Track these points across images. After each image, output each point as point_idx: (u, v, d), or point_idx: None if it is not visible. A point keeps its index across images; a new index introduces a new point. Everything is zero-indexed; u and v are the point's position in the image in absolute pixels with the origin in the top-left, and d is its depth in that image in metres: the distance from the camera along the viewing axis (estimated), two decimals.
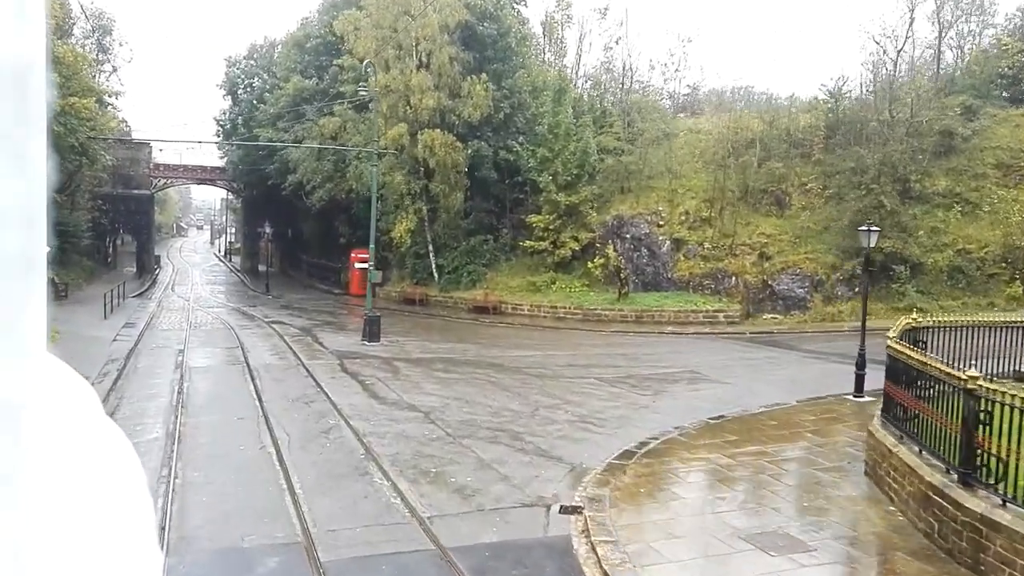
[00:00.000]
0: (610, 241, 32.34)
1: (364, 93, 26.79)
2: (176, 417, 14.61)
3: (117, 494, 0.54)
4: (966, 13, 37.88)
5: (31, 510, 0.45)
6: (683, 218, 31.68)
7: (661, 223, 31.63)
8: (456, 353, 23.45)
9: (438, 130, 32.92)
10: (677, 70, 39.27)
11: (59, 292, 30.77)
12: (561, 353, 23.35)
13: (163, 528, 9.07)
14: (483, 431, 14.09)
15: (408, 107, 33.97)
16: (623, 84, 39.52)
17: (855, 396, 15.81)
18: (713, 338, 25.99)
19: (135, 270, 52.75)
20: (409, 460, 12.32)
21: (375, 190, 25.78)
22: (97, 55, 41.03)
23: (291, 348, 23.60)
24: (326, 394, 17.01)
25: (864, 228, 15.11)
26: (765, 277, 28.76)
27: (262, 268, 58.90)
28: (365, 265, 26.56)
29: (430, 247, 36.72)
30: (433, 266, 36.97)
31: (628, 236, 32.13)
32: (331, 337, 26.52)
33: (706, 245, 30.33)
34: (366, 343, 24.73)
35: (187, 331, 27.25)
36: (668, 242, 31.13)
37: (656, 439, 13.30)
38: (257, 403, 16.17)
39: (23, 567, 0.44)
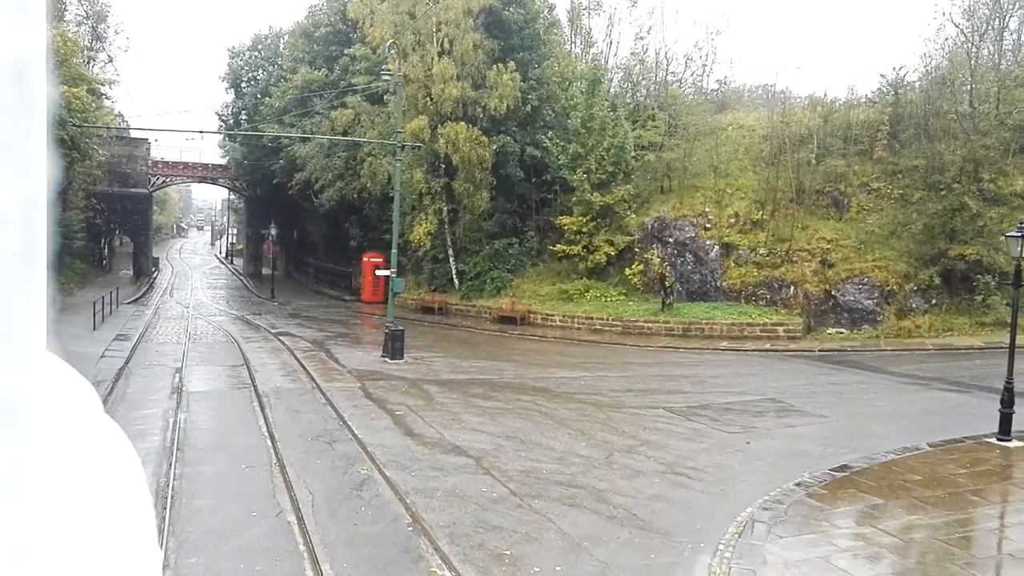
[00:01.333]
0: (652, 246, 29.49)
1: (387, 78, 23.91)
2: (170, 466, 11.73)
3: (117, 493, 0.54)
4: None
5: (31, 509, 0.46)
6: (732, 221, 28.82)
7: (708, 226, 28.76)
8: (492, 373, 20.57)
9: (462, 123, 30.05)
10: (705, 64, 36.39)
11: None
12: (612, 374, 20.47)
13: None
14: (554, 487, 11.20)
15: (428, 99, 31.12)
16: (656, 76, 36.66)
17: (1000, 439, 12.93)
18: (779, 357, 23.10)
19: (132, 273, 49.86)
20: (471, 535, 9.44)
21: (398, 187, 22.97)
22: (91, 43, 38.18)
23: (303, 366, 20.73)
24: (351, 430, 14.14)
25: (1016, 234, 12.20)
26: (827, 287, 25.89)
27: (266, 272, 56.12)
28: (386, 272, 23.64)
29: (450, 251, 33.87)
30: (453, 272, 34.12)
31: (671, 240, 29.26)
32: (347, 352, 23.65)
33: (760, 251, 27.45)
34: (388, 360, 21.86)
35: (186, 344, 24.37)
36: (716, 247, 28.26)
37: (780, 502, 10.44)
38: (269, 443, 13.29)
39: (24, 566, 0.44)
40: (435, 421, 15.05)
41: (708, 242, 28.41)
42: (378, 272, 23.66)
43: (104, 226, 48.05)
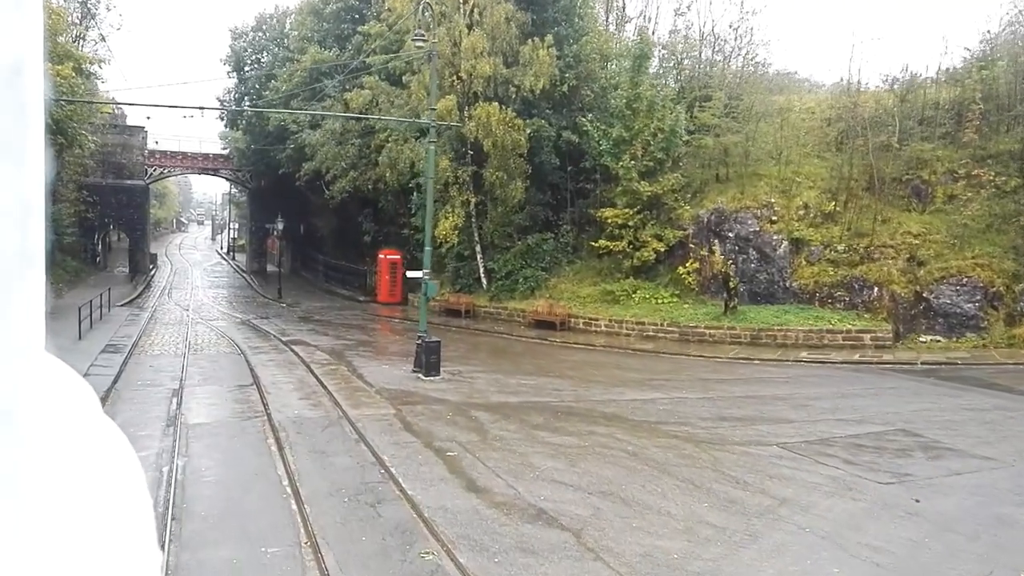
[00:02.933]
0: (713, 241, 26.24)
1: (420, 45, 20.60)
2: (163, 549, 8.48)
3: (116, 493, 0.55)
4: None
5: (30, 509, 0.46)
6: (801, 213, 25.53)
7: (774, 219, 25.47)
8: (547, 394, 17.33)
9: (494, 103, 26.75)
10: (741, 45, 33.04)
11: None
12: (691, 395, 17.25)
13: None
14: None
15: (456, 77, 27.81)
16: (701, 54, 33.31)
17: None
18: (876, 371, 19.87)
19: (127, 271, 46.62)
20: None
21: (431, 172, 19.62)
22: (81, 19, 34.86)
23: (324, 386, 17.52)
24: (397, 482, 10.92)
25: None
26: (918, 288, 22.62)
27: (271, 269, 52.88)
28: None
29: (477, 247, 30.61)
30: (481, 270, 30.88)
31: (730, 235, 25.99)
32: (372, 366, 20.44)
33: (838, 247, 24.17)
34: (421, 376, 18.65)
35: (185, 357, 21.13)
36: (785, 242, 24.98)
37: None
38: (294, 505, 10.09)
39: (23, 566, 0.44)
40: (500, 467, 11.82)
41: (775, 237, 25.13)
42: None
43: (97, 220, 44.86)
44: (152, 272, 51.36)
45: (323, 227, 45.32)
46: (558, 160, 29.98)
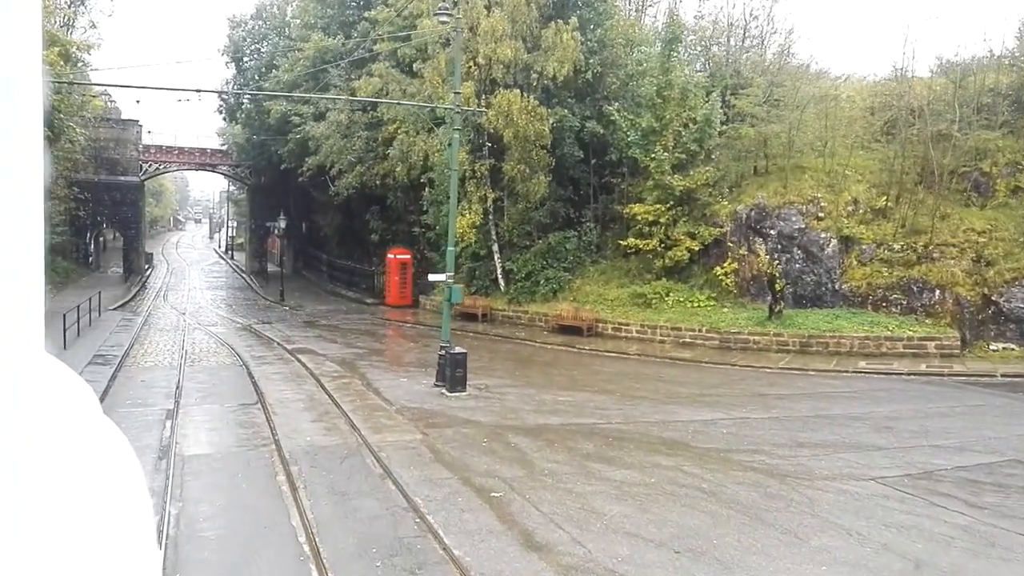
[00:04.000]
0: (753, 240, 24.26)
1: (445, 20, 18.51)
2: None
3: (115, 492, 0.55)
4: None
5: (31, 508, 0.46)
6: (850, 209, 23.53)
7: (821, 215, 23.47)
8: (591, 413, 15.32)
9: (516, 91, 24.70)
10: (770, 31, 31.00)
11: None
12: (754, 414, 15.23)
13: None
14: None
15: (473, 63, 25.76)
16: (728, 39, 31.28)
17: None
18: (950, 384, 17.87)
19: (122, 271, 44.55)
20: None
21: (455, 163, 17.61)
22: (70, 4, 32.74)
23: (337, 404, 15.51)
24: (438, 537, 8.94)
25: None
26: (987, 290, 20.64)
27: (272, 269, 50.82)
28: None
29: (495, 246, 28.58)
30: (498, 270, 28.85)
31: (772, 233, 23.98)
32: (388, 379, 18.43)
33: (893, 246, 22.17)
34: (446, 392, 16.64)
35: (181, 369, 19.09)
36: (834, 241, 22.97)
37: None
38: (313, 569, 8.09)
39: (24, 564, 0.45)
40: (558, 512, 9.82)
41: (823, 235, 23.13)
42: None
43: (89, 219, 42.78)
44: (148, 272, 49.29)
45: (326, 225, 43.27)
46: (582, 152, 27.95)
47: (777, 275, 22.02)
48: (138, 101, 31.14)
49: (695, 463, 12.06)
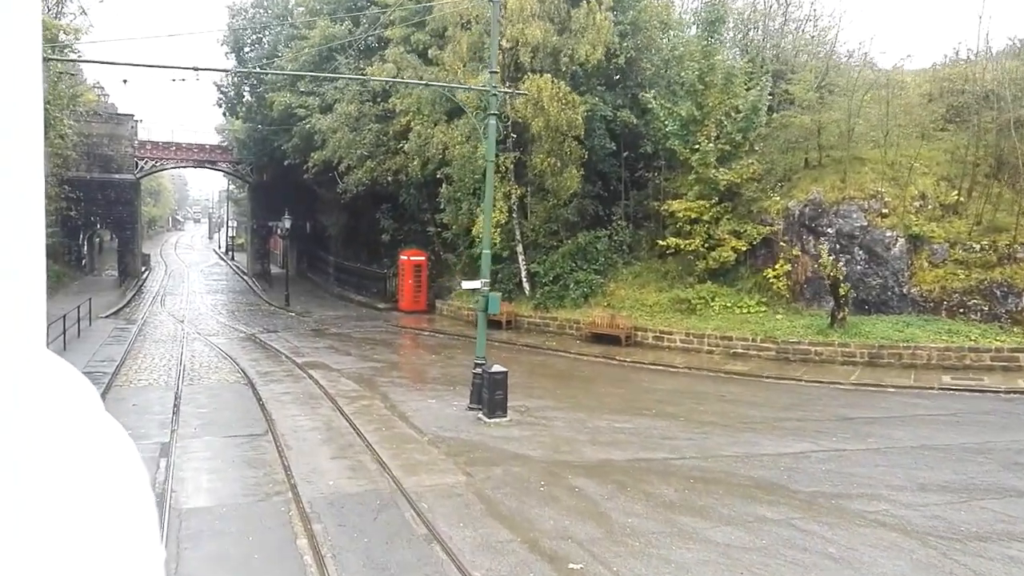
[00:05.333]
0: (807, 239, 22.06)
1: None
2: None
3: (118, 490, 0.55)
4: None
5: (33, 506, 0.46)
6: (918, 204, 21.31)
7: (885, 211, 21.25)
8: (656, 443, 13.10)
9: (547, 76, 22.46)
10: (807, 15, 28.78)
11: None
12: (847, 444, 13.01)
13: None
14: None
15: (498, 47, 23.46)
16: (767, 23, 29.04)
17: None
18: None
19: (117, 275, 42.30)
20: None
21: (492, 153, 15.39)
22: None
23: (360, 434, 13.30)
24: None
25: None
26: None
27: (275, 270, 48.62)
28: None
29: (519, 247, 26.35)
30: (523, 273, 26.63)
31: (830, 231, 21.77)
32: (415, 401, 16.20)
33: (973, 245, 19.96)
34: (483, 417, 14.43)
35: (178, 389, 16.85)
36: (901, 240, 20.76)
37: None
38: None
39: (27, 563, 0.45)
40: None
41: (888, 233, 20.91)
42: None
43: (82, 219, 40.54)
44: (144, 275, 47.06)
45: (332, 225, 41.04)
46: (613, 144, 25.73)
47: (841, 278, 19.79)
48: (125, 81, 28.10)
49: (806, 515, 9.85)
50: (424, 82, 21.19)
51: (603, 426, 14.21)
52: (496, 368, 14.51)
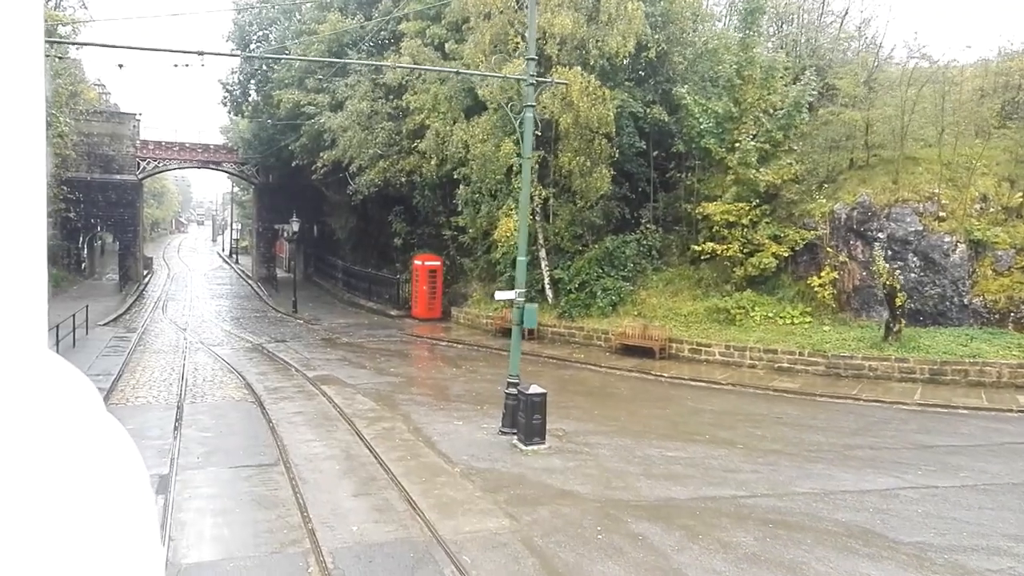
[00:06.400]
0: (854, 244, 20.53)
1: None
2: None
3: (118, 488, 0.55)
4: None
5: (34, 504, 0.46)
6: (978, 207, 19.76)
7: (943, 215, 19.69)
8: (718, 477, 11.55)
9: (576, 68, 20.96)
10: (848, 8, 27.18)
11: None
12: (937, 480, 11.45)
13: None
14: None
15: (521, 38, 22.06)
16: (802, 16, 27.54)
17: None
18: None
19: (117, 279, 40.90)
20: None
21: (528, 149, 13.83)
22: None
23: (384, 466, 11.79)
24: None
25: None
26: None
27: (281, 274, 47.19)
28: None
29: (542, 252, 24.84)
30: (545, 280, 25.12)
31: (881, 236, 20.22)
32: (440, 423, 14.67)
33: None
34: (519, 444, 12.91)
35: (179, 411, 15.35)
36: (961, 246, 19.20)
37: None
38: None
39: (27, 561, 0.45)
40: None
41: (947, 239, 19.36)
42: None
43: (82, 221, 39.17)
44: (146, 279, 45.66)
45: (340, 228, 39.58)
46: (644, 143, 24.22)
47: (899, 287, 18.23)
48: (120, 66, 26.05)
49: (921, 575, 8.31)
50: (453, 70, 19.60)
51: (654, 455, 12.67)
52: (534, 389, 12.97)
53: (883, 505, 10.39)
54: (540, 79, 15.67)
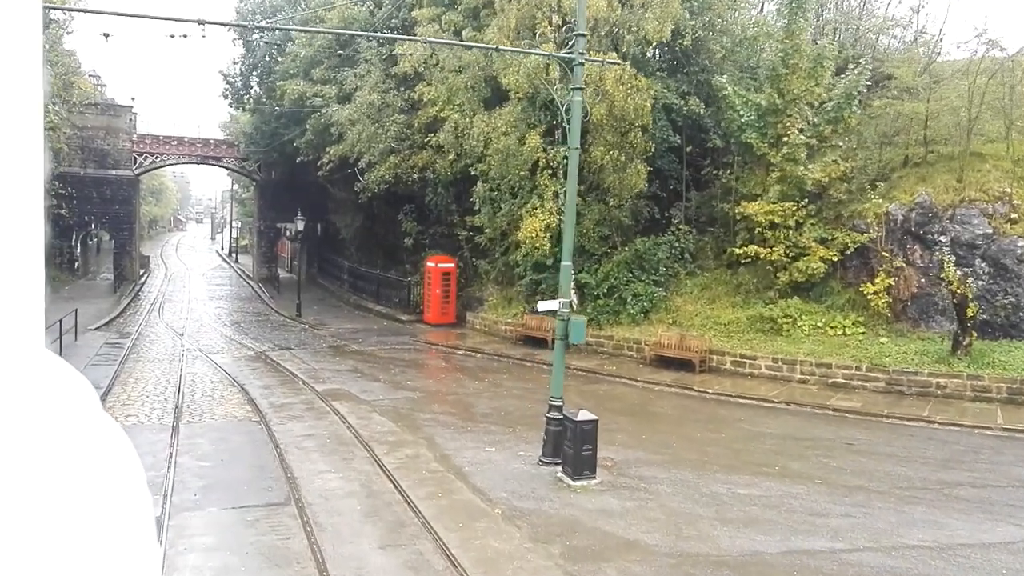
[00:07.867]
0: (912, 248, 18.83)
1: None
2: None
3: (115, 489, 0.54)
4: None
5: (30, 504, 0.46)
6: None
7: (1015, 216, 17.99)
8: (808, 525, 9.83)
9: (612, 54, 19.24)
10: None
11: None
12: None
13: None
14: None
15: (549, 23, 20.35)
16: (842, 4, 25.83)
17: None
18: None
19: (112, 278, 39.14)
20: None
21: (575, 139, 12.06)
22: None
23: (413, 506, 10.07)
24: None
25: None
26: None
27: (284, 275, 45.46)
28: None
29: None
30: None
31: (943, 240, 18.51)
32: (470, 448, 12.95)
33: None
34: (566, 478, 11.21)
35: (174, 432, 13.61)
36: None
37: None
38: None
39: (25, 562, 0.45)
40: None
41: (1020, 243, 17.66)
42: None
43: (75, 218, 37.41)
44: (143, 279, 43.89)
45: (345, 227, 37.81)
46: (678, 137, 22.51)
47: (970, 296, 16.53)
48: (106, 35, 23.46)
49: None
50: (485, 45, 17.84)
51: (723, 493, 10.94)
52: (584, 415, 11.23)
53: (1017, 566, 8.68)
54: (590, 59, 13.88)
